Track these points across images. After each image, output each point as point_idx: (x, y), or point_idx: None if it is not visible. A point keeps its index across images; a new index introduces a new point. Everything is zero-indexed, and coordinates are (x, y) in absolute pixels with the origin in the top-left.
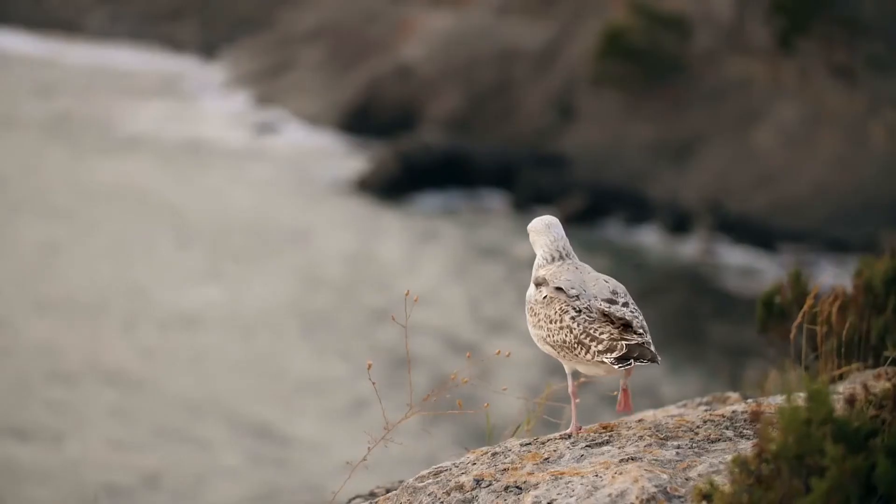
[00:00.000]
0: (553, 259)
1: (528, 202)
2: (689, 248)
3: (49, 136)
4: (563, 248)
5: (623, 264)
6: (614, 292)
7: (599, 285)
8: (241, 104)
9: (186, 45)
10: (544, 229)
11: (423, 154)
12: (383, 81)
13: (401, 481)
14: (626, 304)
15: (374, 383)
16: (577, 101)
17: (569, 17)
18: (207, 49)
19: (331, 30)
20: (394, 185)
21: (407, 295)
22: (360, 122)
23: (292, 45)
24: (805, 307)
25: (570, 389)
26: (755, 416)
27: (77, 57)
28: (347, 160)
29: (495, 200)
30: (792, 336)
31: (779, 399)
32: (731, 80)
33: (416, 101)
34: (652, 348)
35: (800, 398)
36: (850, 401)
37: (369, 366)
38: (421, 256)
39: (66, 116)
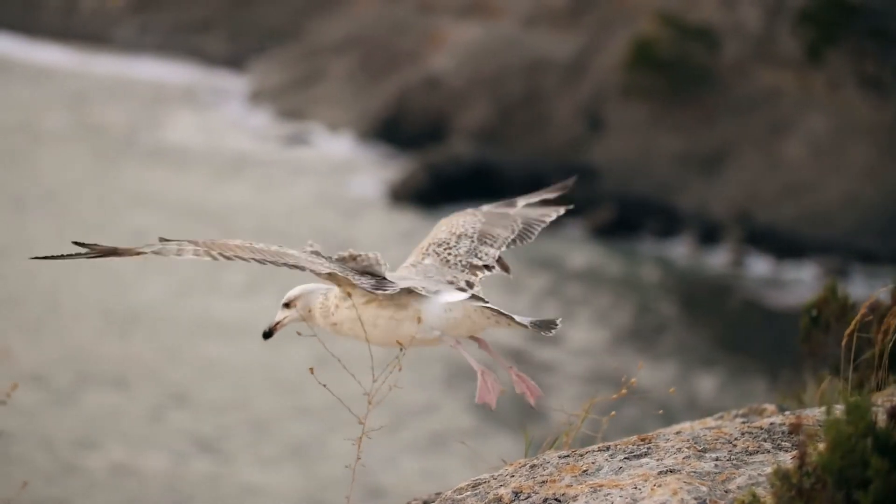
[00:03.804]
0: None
1: None
2: (719, 259)
3: (77, 147)
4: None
5: (652, 275)
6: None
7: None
8: (270, 115)
9: (215, 56)
10: (303, 293)
11: (453, 165)
12: (412, 93)
13: (438, 493)
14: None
15: (325, 385)
16: (606, 112)
17: (597, 29)
18: (236, 61)
19: (360, 41)
20: (423, 197)
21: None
22: (389, 133)
23: (321, 56)
24: (858, 318)
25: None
26: (795, 429)
27: (106, 68)
28: (377, 171)
29: None
30: (843, 345)
31: (817, 411)
32: (760, 90)
33: (445, 113)
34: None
35: (839, 410)
36: (892, 414)
37: (311, 370)
38: None
39: (94, 127)
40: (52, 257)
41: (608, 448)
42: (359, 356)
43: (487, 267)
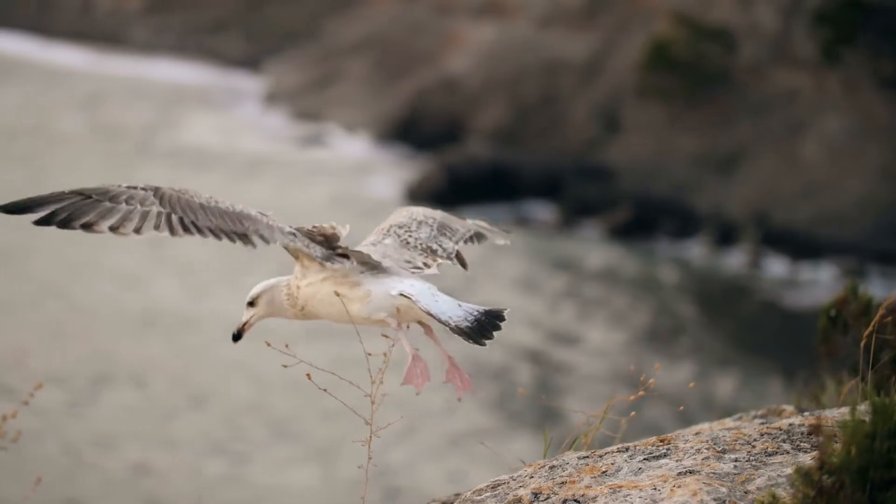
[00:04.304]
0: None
1: (574, 214)
2: (735, 260)
3: (93, 149)
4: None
5: (669, 276)
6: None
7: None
8: (286, 116)
9: (231, 57)
10: (266, 287)
11: (469, 166)
12: (429, 93)
13: (457, 494)
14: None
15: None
16: (623, 113)
17: (613, 30)
18: (252, 61)
19: (377, 42)
20: (440, 197)
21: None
22: (406, 134)
23: (338, 57)
24: (877, 318)
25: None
26: (816, 429)
27: (121, 69)
28: (394, 172)
29: (541, 212)
30: (862, 346)
31: (836, 412)
32: (777, 91)
33: (461, 114)
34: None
35: (863, 411)
36: None
37: (308, 375)
38: (480, 267)
39: (109, 129)
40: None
41: (627, 449)
42: (370, 358)
43: (448, 257)
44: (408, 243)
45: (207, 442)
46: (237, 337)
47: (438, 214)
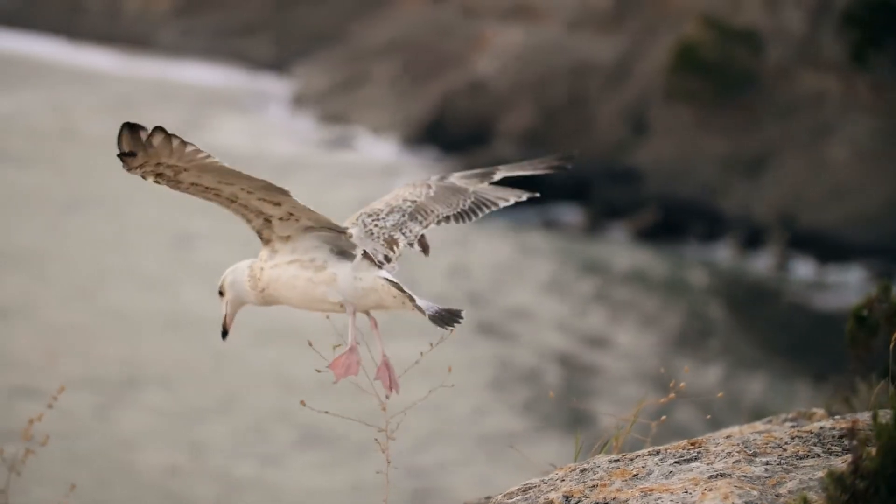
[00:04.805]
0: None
1: (602, 217)
2: (763, 263)
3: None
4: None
5: (697, 278)
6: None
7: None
8: (313, 119)
9: (259, 60)
10: (229, 271)
11: None
12: (457, 96)
13: (488, 498)
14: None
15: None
16: (650, 115)
17: (641, 32)
18: (280, 64)
19: (404, 45)
20: None
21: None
22: (433, 137)
23: (365, 59)
24: None
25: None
26: (851, 433)
27: (149, 72)
28: (421, 175)
29: (569, 215)
30: (892, 348)
31: (868, 415)
32: (804, 93)
33: (489, 116)
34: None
35: (887, 415)
36: None
37: (302, 402)
38: (509, 270)
39: None
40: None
41: (658, 452)
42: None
43: (409, 244)
44: (371, 234)
45: (235, 444)
46: (224, 333)
47: (425, 192)
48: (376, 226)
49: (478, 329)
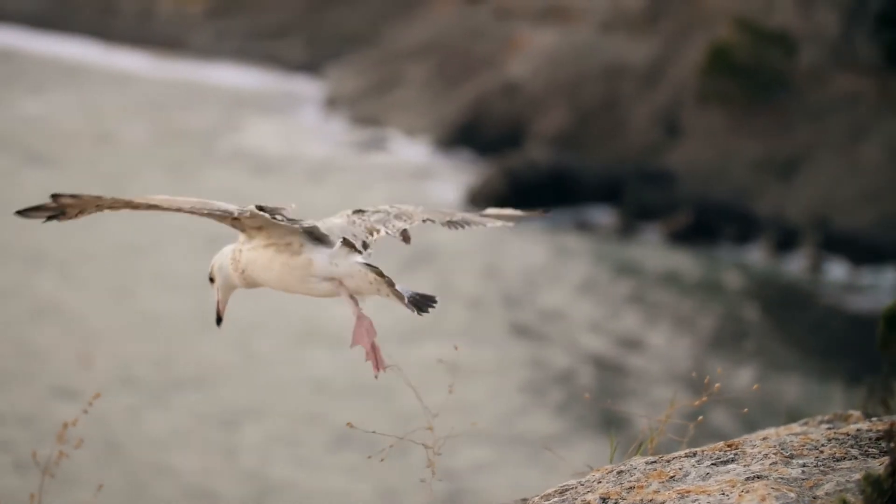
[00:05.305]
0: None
1: (635, 219)
2: (796, 265)
3: (156, 153)
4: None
5: (730, 281)
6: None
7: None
8: (346, 121)
9: (292, 62)
10: (216, 257)
11: (530, 171)
12: (490, 98)
13: (524, 500)
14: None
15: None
16: (683, 117)
17: (674, 34)
18: (313, 66)
19: (437, 47)
20: (502, 202)
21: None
22: (466, 139)
23: (398, 61)
24: None
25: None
26: (890, 435)
27: (182, 74)
28: (455, 177)
29: (602, 217)
30: None
31: None
32: (838, 95)
33: (522, 118)
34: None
35: None
36: None
37: (349, 424)
38: (543, 272)
39: (172, 133)
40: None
41: (695, 454)
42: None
43: (389, 233)
44: (354, 223)
45: (268, 447)
46: (218, 320)
47: (416, 206)
48: (360, 219)
49: (512, 331)
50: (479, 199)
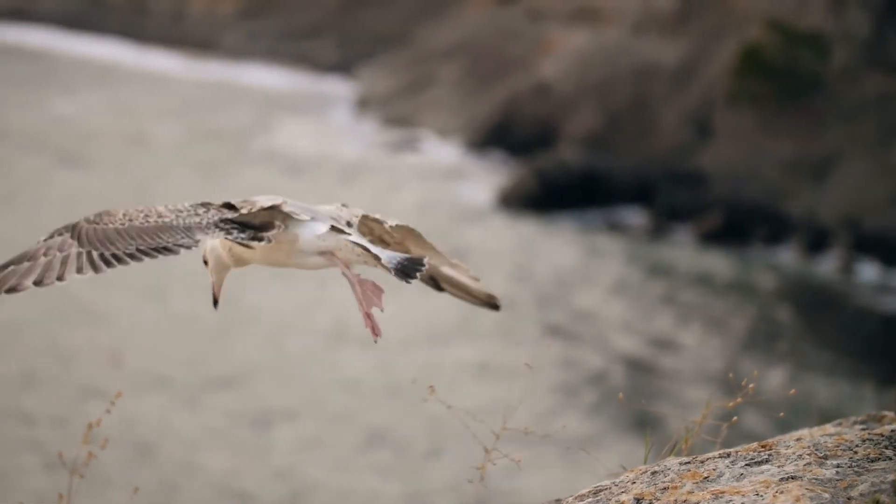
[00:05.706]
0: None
1: (666, 219)
2: (828, 266)
3: (189, 153)
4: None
5: (762, 281)
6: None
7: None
8: (378, 122)
9: (323, 62)
10: (210, 240)
11: (561, 172)
12: (521, 99)
13: (558, 500)
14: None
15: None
16: (714, 118)
17: (705, 35)
18: (344, 67)
19: (469, 47)
20: (533, 203)
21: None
22: (498, 139)
23: (430, 62)
24: None
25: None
26: None
27: (214, 74)
28: (486, 178)
29: (633, 218)
30: None
31: None
32: (870, 96)
33: (553, 119)
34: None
35: None
36: None
37: (431, 387)
38: (575, 272)
39: (205, 134)
40: None
41: (729, 455)
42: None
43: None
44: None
45: (301, 447)
46: (215, 302)
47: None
48: (346, 208)
49: (545, 331)
50: (511, 200)
